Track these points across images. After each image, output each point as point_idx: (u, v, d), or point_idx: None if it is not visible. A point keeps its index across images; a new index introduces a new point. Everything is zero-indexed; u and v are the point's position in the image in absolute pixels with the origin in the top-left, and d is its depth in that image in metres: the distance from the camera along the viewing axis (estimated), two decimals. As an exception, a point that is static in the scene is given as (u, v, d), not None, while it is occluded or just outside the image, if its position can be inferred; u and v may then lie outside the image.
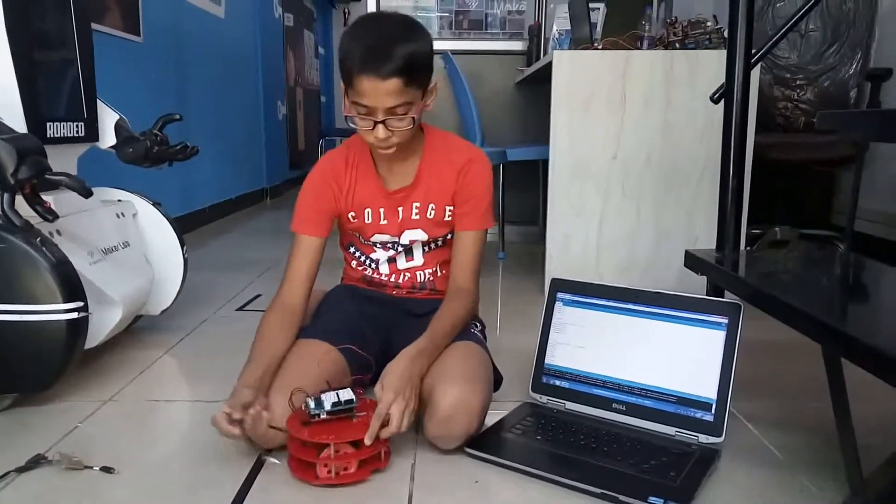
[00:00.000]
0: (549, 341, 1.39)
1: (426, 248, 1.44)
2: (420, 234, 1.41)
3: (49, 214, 1.33)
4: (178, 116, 1.87)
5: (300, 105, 6.53)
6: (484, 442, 1.20)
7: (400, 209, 1.39)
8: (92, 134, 1.71)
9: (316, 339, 1.31)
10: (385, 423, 1.09)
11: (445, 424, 1.15)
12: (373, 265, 1.47)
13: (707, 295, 1.38)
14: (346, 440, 1.08)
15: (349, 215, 1.40)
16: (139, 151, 1.76)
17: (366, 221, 1.40)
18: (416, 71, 1.19)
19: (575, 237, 2.24)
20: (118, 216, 1.74)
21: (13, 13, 1.44)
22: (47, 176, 1.33)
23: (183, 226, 1.98)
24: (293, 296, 1.33)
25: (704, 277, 1.40)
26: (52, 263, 1.30)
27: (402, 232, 1.41)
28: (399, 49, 1.16)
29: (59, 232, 1.45)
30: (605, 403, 1.29)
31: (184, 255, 1.87)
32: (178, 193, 3.51)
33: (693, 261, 1.37)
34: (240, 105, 4.71)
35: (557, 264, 2.25)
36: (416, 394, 1.15)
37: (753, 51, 1.42)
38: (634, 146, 2.17)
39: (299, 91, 6.49)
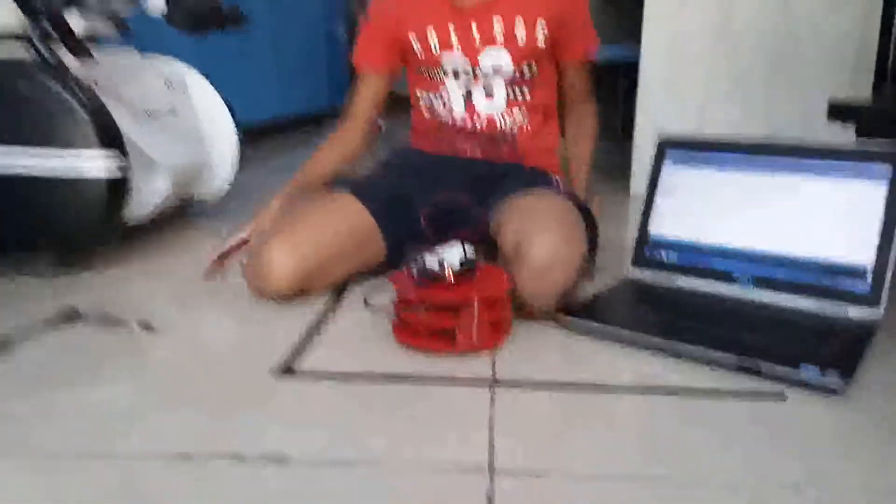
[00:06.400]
0: (654, 208, 1.16)
1: (510, 94, 1.21)
2: (504, 57, 1.18)
3: (81, 52, 1.18)
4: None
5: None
6: (579, 308, 1.01)
7: (474, 25, 1.17)
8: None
9: (350, 194, 1.19)
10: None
11: (540, 277, 0.96)
12: (445, 108, 1.26)
13: (854, 153, 1.12)
14: (492, 295, 0.92)
15: (412, 41, 1.21)
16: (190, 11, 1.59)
17: (431, 44, 1.20)
18: None
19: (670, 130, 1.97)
20: (166, 85, 1.59)
21: None
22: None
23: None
24: (348, 130, 1.32)
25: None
26: (84, 105, 1.15)
27: (481, 53, 1.18)
28: None
29: (96, 83, 1.30)
30: (727, 277, 1.07)
31: (238, 135, 1.72)
32: (235, 105, 3.38)
33: (839, 108, 1.11)
34: (299, 20, 4.54)
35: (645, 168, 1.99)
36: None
37: None
38: (746, 16, 1.86)
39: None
